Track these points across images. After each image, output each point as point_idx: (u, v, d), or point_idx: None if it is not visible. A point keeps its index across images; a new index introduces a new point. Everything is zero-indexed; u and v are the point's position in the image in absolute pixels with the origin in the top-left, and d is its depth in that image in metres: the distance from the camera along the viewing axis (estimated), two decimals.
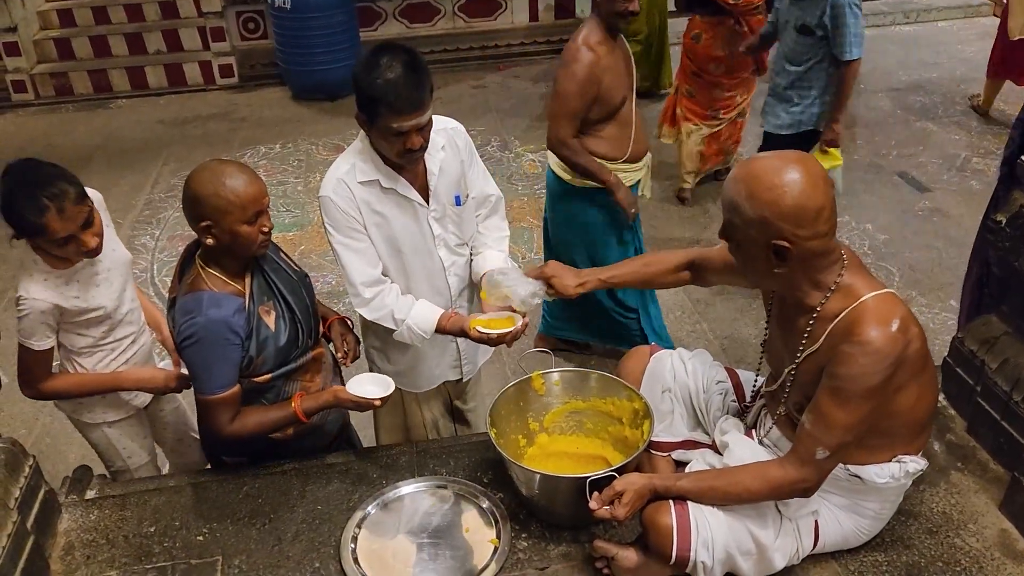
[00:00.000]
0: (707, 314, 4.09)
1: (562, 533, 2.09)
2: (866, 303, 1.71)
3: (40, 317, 2.12)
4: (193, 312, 1.96)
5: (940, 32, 8.01)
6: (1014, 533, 2.07)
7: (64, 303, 2.14)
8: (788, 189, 1.64)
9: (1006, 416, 2.22)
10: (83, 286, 2.19)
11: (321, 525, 2.16)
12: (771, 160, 1.70)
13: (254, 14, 7.52)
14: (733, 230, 1.74)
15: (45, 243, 2.05)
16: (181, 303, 2.01)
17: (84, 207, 2.04)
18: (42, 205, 1.96)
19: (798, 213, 1.64)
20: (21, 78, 7.12)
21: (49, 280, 2.12)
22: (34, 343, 2.15)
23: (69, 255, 2.10)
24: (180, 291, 2.05)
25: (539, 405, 2.28)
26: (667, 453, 2.19)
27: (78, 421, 2.41)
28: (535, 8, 7.93)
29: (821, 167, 1.73)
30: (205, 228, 1.93)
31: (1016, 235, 2.26)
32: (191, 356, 2.01)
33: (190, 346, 1.98)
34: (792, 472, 1.76)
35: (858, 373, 1.67)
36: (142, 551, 2.11)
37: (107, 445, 2.44)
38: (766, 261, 1.71)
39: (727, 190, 1.73)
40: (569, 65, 2.99)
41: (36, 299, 2.10)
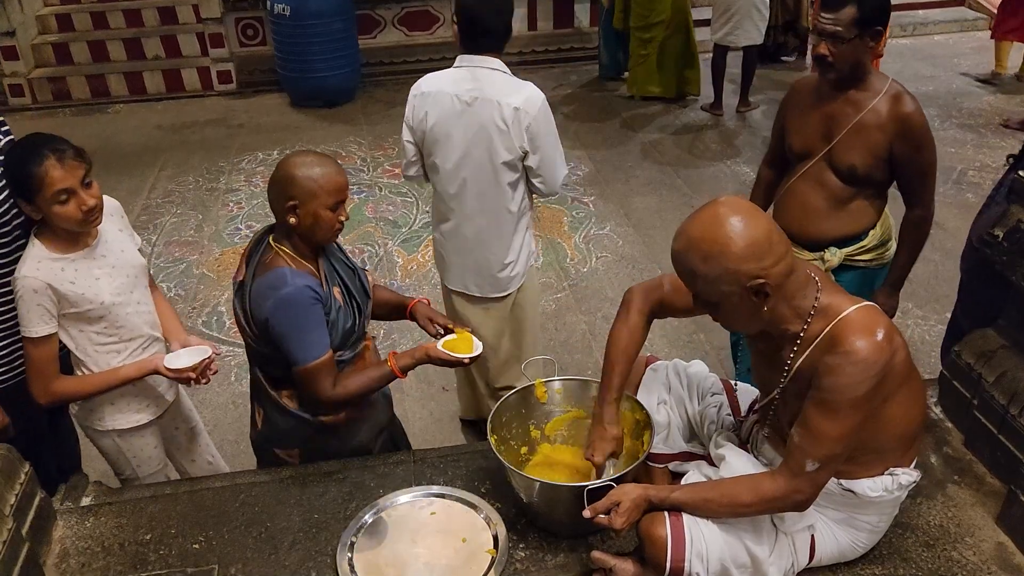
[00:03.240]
0: (704, 326, 4.09)
1: (559, 544, 2.09)
2: (848, 316, 1.72)
3: (34, 298, 2.08)
4: (279, 285, 2.04)
5: (936, 46, 8.07)
6: (1011, 546, 2.07)
7: (58, 286, 2.11)
8: (733, 233, 1.64)
9: (1003, 430, 2.22)
10: (80, 275, 2.15)
11: (318, 534, 2.15)
12: (699, 220, 1.70)
13: (253, 20, 7.53)
14: (707, 295, 1.74)
15: (46, 202, 2.04)
16: (262, 281, 2.08)
17: (84, 163, 2.08)
18: (43, 154, 2.02)
19: (754, 248, 1.64)
20: (19, 82, 7.13)
21: (43, 263, 2.11)
22: (33, 329, 2.11)
23: (70, 216, 2.06)
24: (256, 271, 2.12)
25: (540, 413, 2.28)
26: (663, 464, 2.19)
27: (89, 429, 2.38)
28: (534, 17, 7.97)
29: (741, 200, 1.72)
30: (291, 208, 2.05)
31: (1014, 249, 2.26)
32: (285, 328, 2.06)
33: (282, 317, 2.05)
34: (784, 485, 1.76)
35: (845, 384, 1.67)
36: (137, 559, 2.10)
37: (117, 453, 2.41)
38: (750, 305, 1.71)
39: (679, 265, 1.74)
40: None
41: (28, 277, 2.08)
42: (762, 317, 1.74)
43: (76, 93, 7.30)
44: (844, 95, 2.58)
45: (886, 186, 2.68)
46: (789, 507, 1.80)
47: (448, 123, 2.67)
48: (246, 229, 5.17)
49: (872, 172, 2.60)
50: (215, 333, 4.15)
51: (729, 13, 6.10)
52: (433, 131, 2.70)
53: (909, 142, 2.53)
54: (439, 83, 2.69)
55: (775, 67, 7.50)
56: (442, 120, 2.67)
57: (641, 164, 5.87)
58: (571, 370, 3.70)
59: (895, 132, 2.52)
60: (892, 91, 2.54)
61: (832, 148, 2.60)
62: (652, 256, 4.76)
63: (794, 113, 2.73)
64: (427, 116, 2.69)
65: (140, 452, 2.42)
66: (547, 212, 5.26)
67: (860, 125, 2.55)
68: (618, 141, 6.26)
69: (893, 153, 2.55)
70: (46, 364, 2.17)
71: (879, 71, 2.63)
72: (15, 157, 2.07)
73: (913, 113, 2.52)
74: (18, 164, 2.05)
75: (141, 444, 2.41)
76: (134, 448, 2.40)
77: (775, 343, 1.83)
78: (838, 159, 2.60)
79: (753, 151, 6.01)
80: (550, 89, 7.30)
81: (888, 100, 2.53)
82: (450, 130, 2.67)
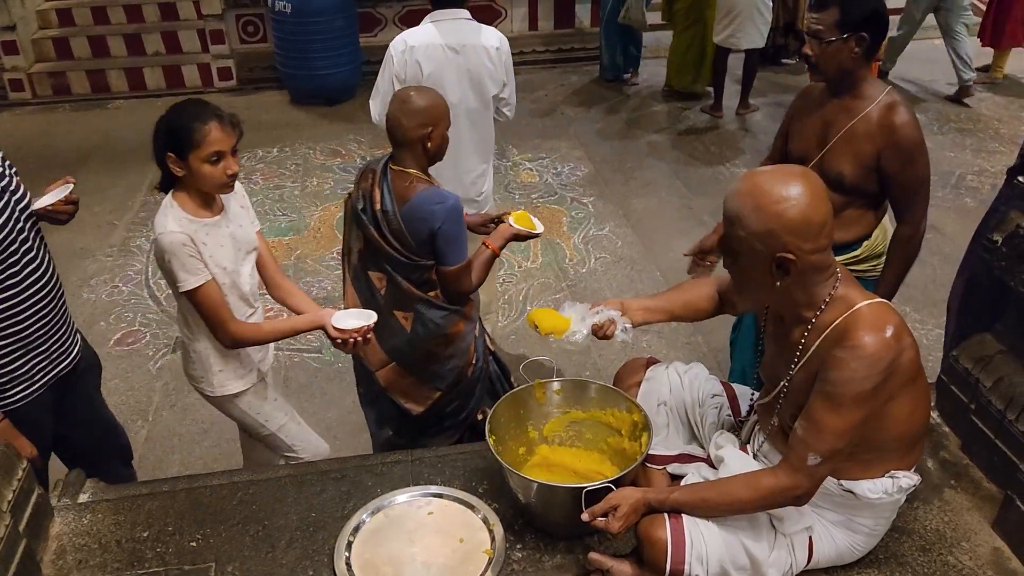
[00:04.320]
0: (702, 327, 4.09)
1: (557, 545, 2.09)
2: (860, 310, 1.72)
3: (184, 250, 2.18)
4: (443, 200, 2.38)
5: (935, 50, 8.06)
6: (1007, 551, 2.08)
7: (196, 240, 2.21)
8: (795, 202, 1.66)
9: (1000, 434, 2.23)
10: (210, 238, 2.25)
11: (315, 532, 2.15)
12: (777, 173, 1.73)
13: (254, 17, 7.52)
14: (736, 243, 1.74)
15: (199, 160, 2.14)
16: (420, 200, 2.37)
17: (237, 133, 2.22)
18: (209, 114, 2.15)
19: (803, 226, 1.66)
20: (19, 77, 7.11)
21: (182, 221, 2.21)
22: (191, 280, 2.20)
23: (215, 178, 2.18)
24: (401, 195, 2.39)
25: (539, 414, 2.29)
26: (662, 466, 2.19)
27: (216, 399, 2.47)
28: (535, 17, 7.96)
29: (822, 182, 1.74)
30: (428, 133, 2.38)
31: (1012, 255, 2.27)
32: (452, 233, 2.40)
33: (452, 226, 2.39)
34: (784, 479, 1.77)
35: (850, 378, 1.68)
36: (135, 556, 2.10)
37: (242, 415, 2.50)
38: (767, 275, 1.72)
39: (730, 203, 1.74)
40: None
41: (174, 232, 2.17)
42: (772, 291, 1.75)
43: (76, 88, 7.28)
44: (840, 101, 2.54)
45: (879, 197, 2.61)
46: (788, 502, 1.80)
47: (442, 70, 3.08)
48: None
49: (861, 182, 2.53)
50: None
51: (732, 15, 6.10)
52: (429, 79, 3.04)
53: (897, 154, 2.45)
54: (425, 37, 3.10)
55: (775, 69, 7.51)
56: (437, 69, 3.08)
57: (641, 165, 5.87)
58: (570, 371, 3.71)
59: (884, 142, 2.45)
60: (887, 100, 2.47)
61: (824, 155, 2.56)
62: (651, 257, 4.76)
63: (797, 118, 2.73)
64: (421, 67, 3.07)
65: (261, 408, 2.51)
66: (546, 212, 5.26)
67: (851, 133, 2.49)
68: (618, 142, 6.26)
69: (881, 164, 2.48)
70: (218, 310, 2.25)
71: (877, 78, 2.58)
72: (180, 113, 2.17)
73: (903, 125, 2.43)
74: (182, 119, 2.14)
75: (258, 403, 2.50)
76: (253, 407, 2.49)
77: (786, 326, 1.84)
78: (828, 166, 2.54)
79: (753, 153, 6.01)
80: (551, 89, 7.30)
81: (880, 109, 2.46)
82: (444, 76, 3.08)
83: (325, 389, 3.70)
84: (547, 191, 5.56)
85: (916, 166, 2.48)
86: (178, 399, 3.66)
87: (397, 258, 2.43)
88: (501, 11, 7.86)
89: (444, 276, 2.45)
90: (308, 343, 3.98)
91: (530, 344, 4.03)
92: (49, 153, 6.09)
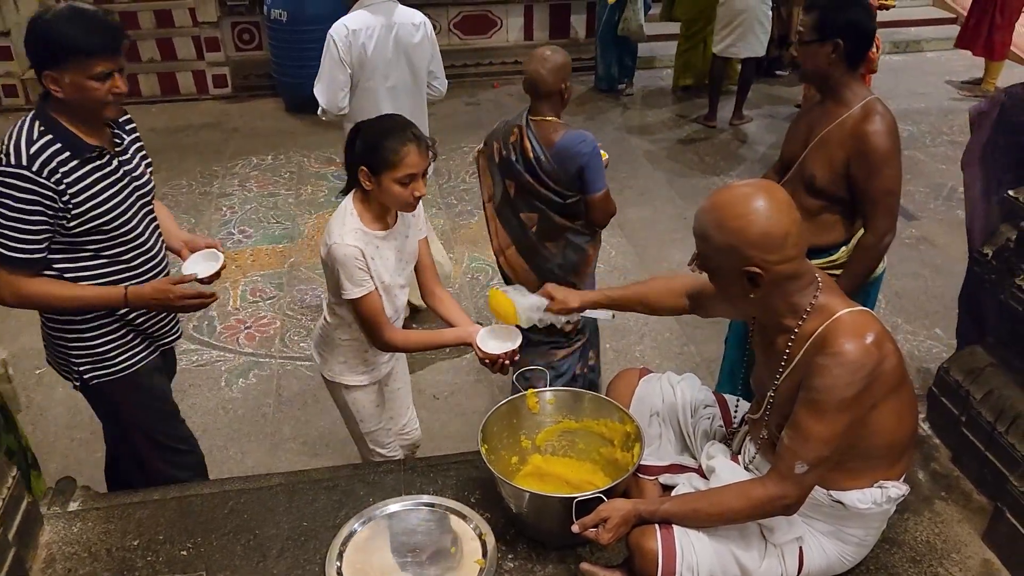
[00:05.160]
0: (695, 337, 4.10)
1: (548, 554, 2.09)
2: (841, 318, 1.74)
3: (355, 263, 2.23)
4: (580, 138, 2.75)
5: (928, 62, 8.13)
6: (996, 563, 2.09)
7: (366, 255, 2.25)
8: (755, 217, 1.68)
9: (990, 447, 2.24)
10: (379, 252, 2.30)
11: (307, 542, 2.15)
12: (738, 189, 1.75)
13: (249, 25, 7.53)
14: (706, 259, 1.79)
15: (390, 179, 2.18)
16: (566, 142, 2.74)
17: (431, 157, 2.28)
18: (409, 136, 2.19)
19: (765, 240, 1.68)
20: (13, 83, 7.10)
21: (358, 233, 2.25)
22: (356, 290, 2.25)
23: (403, 199, 2.22)
24: (551, 138, 2.76)
25: (532, 423, 2.29)
26: (654, 477, 2.19)
27: (329, 380, 2.55)
28: (530, 26, 7.99)
29: (786, 194, 1.77)
30: (566, 86, 2.79)
31: (1002, 268, 2.29)
32: (593, 163, 2.77)
33: (595, 160, 2.77)
34: (773, 488, 1.77)
35: (832, 384, 1.69)
36: (125, 565, 2.09)
37: (344, 406, 2.58)
38: (740, 287, 1.74)
39: (697, 220, 1.78)
40: None
41: (349, 244, 2.22)
42: (749, 302, 1.77)
43: None
44: (824, 107, 2.60)
45: (853, 204, 2.60)
46: (778, 511, 1.81)
47: (383, 49, 3.45)
48: (239, 234, 5.16)
49: (829, 186, 2.55)
50: (205, 337, 4.13)
51: (733, 25, 6.13)
52: (372, 59, 3.42)
53: (864, 162, 2.46)
54: (363, 21, 3.42)
55: (769, 81, 7.54)
56: (378, 48, 3.44)
57: (635, 175, 5.89)
58: None
59: (853, 149, 2.47)
60: (864, 108, 2.48)
61: (803, 157, 2.63)
62: (644, 266, 4.77)
63: (795, 120, 2.83)
64: (365, 48, 3.41)
65: (362, 408, 2.57)
66: None
67: (826, 138, 2.54)
68: (612, 151, 6.23)
69: (850, 171, 2.50)
70: (376, 316, 2.30)
71: (862, 87, 2.59)
72: (380, 129, 2.21)
73: (875, 133, 2.43)
74: (383, 137, 2.18)
75: (363, 401, 2.56)
76: (357, 403, 2.56)
77: (770, 335, 1.85)
78: (805, 168, 2.61)
79: (747, 164, 6.04)
80: None
81: (856, 116, 2.48)
82: (385, 54, 3.45)
83: (318, 397, 3.69)
84: None
85: (882, 176, 2.47)
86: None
87: (550, 196, 2.82)
88: (496, 21, 7.90)
89: (592, 203, 2.83)
90: (301, 351, 3.98)
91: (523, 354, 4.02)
92: None
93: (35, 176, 2.00)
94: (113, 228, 2.15)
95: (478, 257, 4.84)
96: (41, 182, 2.00)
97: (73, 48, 1.97)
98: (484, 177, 3.04)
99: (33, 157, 2.00)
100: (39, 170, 2.00)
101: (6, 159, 2.01)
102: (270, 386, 3.78)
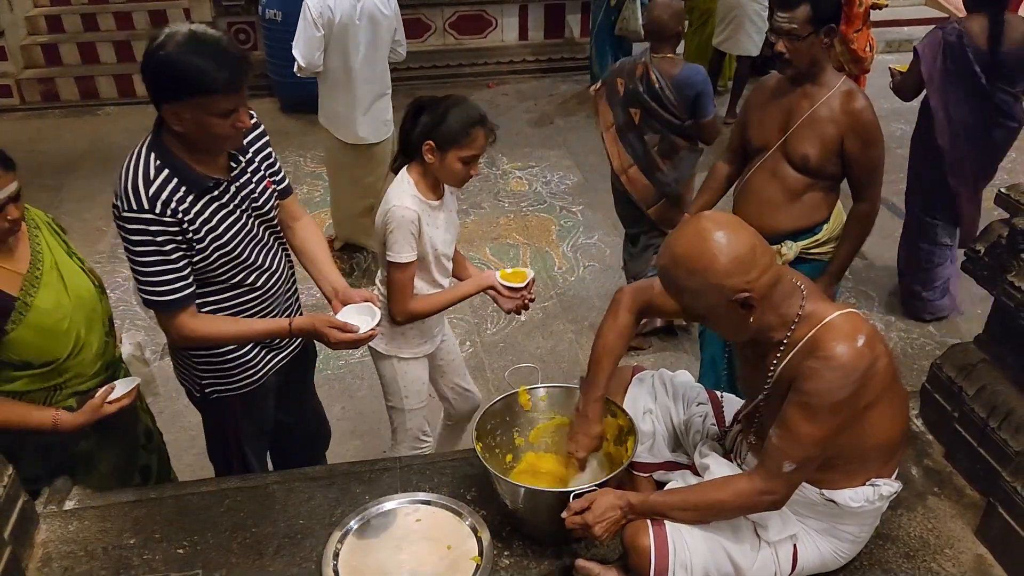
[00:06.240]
0: (687, 336, 4.12)
1: (544, 551, 2.10)
2: (831, 322, 1.74)
3: (408, 226, 2.34)
4: (696, 70, 3.50)
5: None
6: (989, 559, 2.10)
7: (422, 220, 2.38)
8: (717, 249, 1.67)
9: (982, 443, 2.25)
10: (432, 220, 2.43)
11: (303, 540, 2.15)
12: (686, 233, 1.73)
13: (245, 25, 7.53)
14: (694, 308, 1.77)
15: (456, 157, 2.32)
16: (683, 73, 3.49)
17: (491, 142, 2.39)
18: (483, 121, 2.33)
19: (738, 263, 1.67)
20: (7, 83, 7.07)
21: (415, 199, 2.38)
22: (402, 255, 2.37)
23: (460, 177, 2.38)
24: (671, 71, 3.50)
25: (525, 420, 2.30)
26: (648, 474, 2.21)
27: (380, 355, 2.63)
28: (525, 26, 7.99)
29: (727, 214, 1.78)
30: (682, 29, 3.54)
31: (994, 264, 2.30)
32: (706, 91, 3.51)
33: (705, 87, 3.51)
34: (760, 484, 1.78)
35: (824, 388, 1.69)
36: (121, 563, 2.10)
37: (392, 379, 2.67)
38: (737, 316, 1.74)
39: (665, 281, 1.78)
40: None
41: (407, 208, 2.34)
42: (750, 327, 1.76)
43: (65, 95, 7.26)
44: (801, 89, 2.73)
45: (838, 180, 2.80)
46: (764, 506, 1.82)
47: (351, 16, 3.95)
48: None
49: (824, 164, 2.72)
50: None
51: (726, 20, 6.16)
52: (340, 24, 3.94)
53: (859, 137, 2.67)
54: None
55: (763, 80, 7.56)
56: (346, 15, 3.94)
57: None
58: (558, 378, 3.72)
59: (846, 126, 2.66)
60: (845, 87, 2.69)
61: (787, 139, 2.74)
62: None
63: (755, 109, 2.90)
64: (333, 14, 3.93)
65: (411, 383, 2.67)
66: (535, 221, 5.28)
67: (813, 117, 2.69)
68: None
69: (844, 147, 2.69)
70: (407, 286, 2.42)
71: (832, 68, 2.76)
72: (454, 107, 2.31)
73: (864, 110, 2.66)
74: (456, 116, 2.30)
75: (413, 375, 2.66)
76: (407, 376, 2.65)
77: (761, 349, 1.86)
78: (792, 149, 2.73)
79: None
80: (541, 98, 7.33)
81: (840, 96, 2.68)
82: (353, 21, 3.96)
83: None
84: (536, 200, 5.58)
85: (876, 147, 2.72)
86: (166, 406, 3.64)
87: (670, 120, 3.56)
88: (492, 20, 7.90)
89: (704, 125, 3.58)
90: None
91: (517, 352, 4.04)
92: (38, 160, 6.07)
93: (159, 217, 1.95)
94: (236, 256, 2.12)
95: (474, 256, 4.85)
96: (167, 221, 1.96)
97: (196, 86, 1.85)
98: (603, 109, 3.78)
99: (153, 199, 1.94)
100: (161, 211, 1.95)
101: (127, 203, 1.95)
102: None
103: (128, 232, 1.97)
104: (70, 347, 2.10)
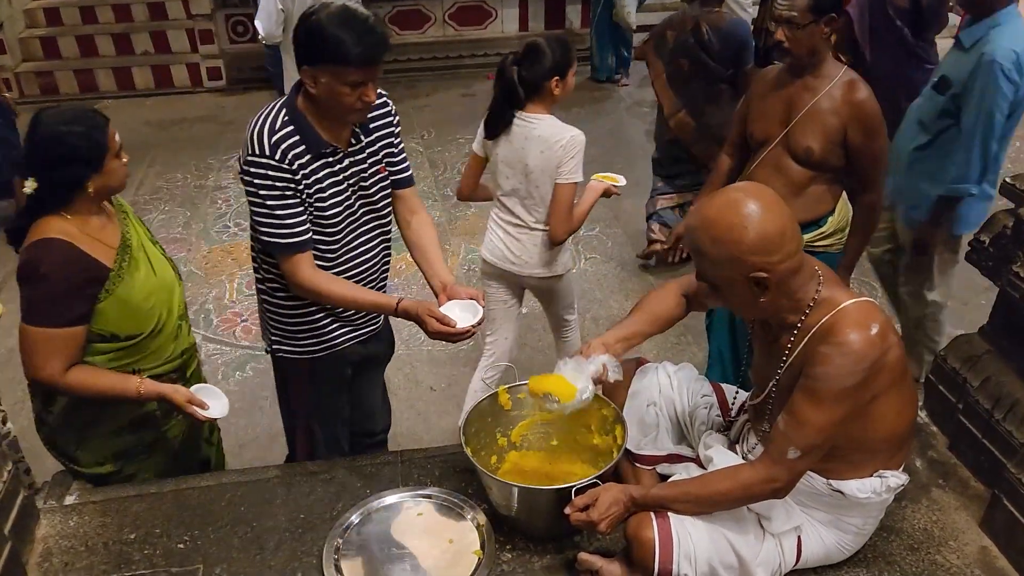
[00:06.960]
0: (692, 328, 4.09)
1: (547, 545, 2.09)
2: (845, 309, 1.73)
3: (581, 153, 2.80)
4: (740, 22, 4.03)
5: None
6: (994, 550, 2.09)
7: None
8: (748, 223, 1.65)
9: (987, 434, 2.24)
10: None
11: (304, 534, 2.14)
12: (722, 199, 1.72)
13: (243, 17, 7.49)
14: (708, 275, 1.76)
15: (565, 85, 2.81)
16: (729, 26, 3.94)
17: None
18: None
19: (764, 243, 1.66)
20: (6, 76, 7.05)
21: None
22: (575, 177, 2.78)
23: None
24: (719, 24, 3.92)
25: (506, 420, 2.26)
26: (652, 466, 2.19)
27: (554, 279, 3.01)
28: (525, 17, 7.97)
29: (769, 190, 1.75)
30: None
31: (999, 255, 2.28)
32: (749, 42, 4.05)
33: (749, 39, 4.03)
34: (763, 471, 1.77)
35: (834, 373, 1.68)
36: (122, 559, 2.09)
37: (567, 291, 3.11)
38: (749, 294, 1.73)
39: (691, 239, 1.76)
40: None
41: (580, 134, 2.80)
42: (760, 306, 1.75)
43: (64, 88, 7.25)
44: (801, 81, 2.70)
45: (841, 172, 2.77)
46: (767, 494, 1.80)
47: None
48: (235, 227, 5.14)
49: (827, 156, 2.68)
50: (202, 331, 4.12)
51: None
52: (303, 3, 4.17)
53: (862, 128, 2.63)
54: None
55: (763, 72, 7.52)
56: None
57: (631, 166, 5.85)
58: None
59: (849, 117, 2.63)
60: (846, 78, 2.66)
61: (789, 131, 2.71)
62: None
63: (756, 101, 2.86)
64: None
65: (572, 295, 3.18)
66: None
67: (815, 109, 2.66)
68: (608, 143, 6.25)
69: (847, 138, 2.65)
70: (569, 204, 2.83)
71: (833, 59, 2.74)
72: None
73: (866, 100, 2.62)
74: None
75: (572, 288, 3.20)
76: (573, 290, 3.20)
77: (773, 332, 1.84)
78: (795, 142, 2.70)
79: None
80: None
81: (842, 86, 2.64)
82: None
83: None
84: None
85: (879, 137, 2.69)
86: None
87: (717, 67, 3.96)
88: (491, 12, 7.87)
89: (747, 73, 3.89)
90: None
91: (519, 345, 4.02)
92: None
93: (279, 163, 2.05)
94: (326, 224, 2.19)
95: (475, 249, 4.83)
96: (285, 168, 2.06)
97: (335, 54, 1.97)
98: (652, 59, 4.19)
99: (274, 146, 2.05)
100: (281, 158, 2.05)
101: (251, 148, 2.07)
102: (267, 379, 3.76)
103: (251, 176, 2.08)
104: (152, 324, 2.17)
